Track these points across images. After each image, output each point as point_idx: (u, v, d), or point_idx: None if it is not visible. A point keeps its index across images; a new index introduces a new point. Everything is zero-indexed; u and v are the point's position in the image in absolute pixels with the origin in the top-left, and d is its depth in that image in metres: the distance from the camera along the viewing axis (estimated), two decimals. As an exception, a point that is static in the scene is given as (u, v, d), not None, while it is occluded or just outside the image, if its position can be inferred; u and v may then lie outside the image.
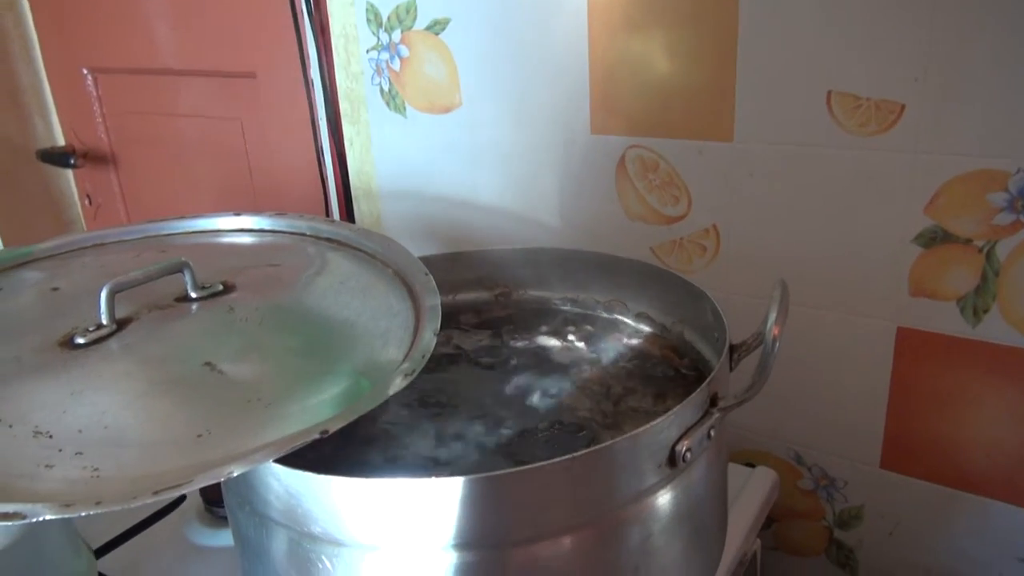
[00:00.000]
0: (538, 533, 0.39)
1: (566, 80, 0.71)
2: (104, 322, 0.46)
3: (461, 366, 0.58)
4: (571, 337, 0.61)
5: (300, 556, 0.41)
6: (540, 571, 0.39)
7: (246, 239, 0.61)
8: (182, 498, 0.69)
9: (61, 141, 1.29)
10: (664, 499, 0.42)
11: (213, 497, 0.67)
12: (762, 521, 0.65)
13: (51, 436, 0.38)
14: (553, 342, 0.60)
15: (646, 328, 0.61)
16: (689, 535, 0.44)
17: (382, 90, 0.83)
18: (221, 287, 0.51)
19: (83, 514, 0.34)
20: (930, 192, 0.58)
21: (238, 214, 0.62)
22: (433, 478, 0.37)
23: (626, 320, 0.63)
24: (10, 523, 0.33)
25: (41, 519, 0.33)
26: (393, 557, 0.39)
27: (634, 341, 0.59)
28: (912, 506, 0.66)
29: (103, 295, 0.45)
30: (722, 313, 0.50)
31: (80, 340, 0.45)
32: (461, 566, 0.38)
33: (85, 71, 1.19)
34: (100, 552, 0.62)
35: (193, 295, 0.50)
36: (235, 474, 0.35)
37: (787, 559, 0.75)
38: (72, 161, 1.24)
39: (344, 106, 0.88)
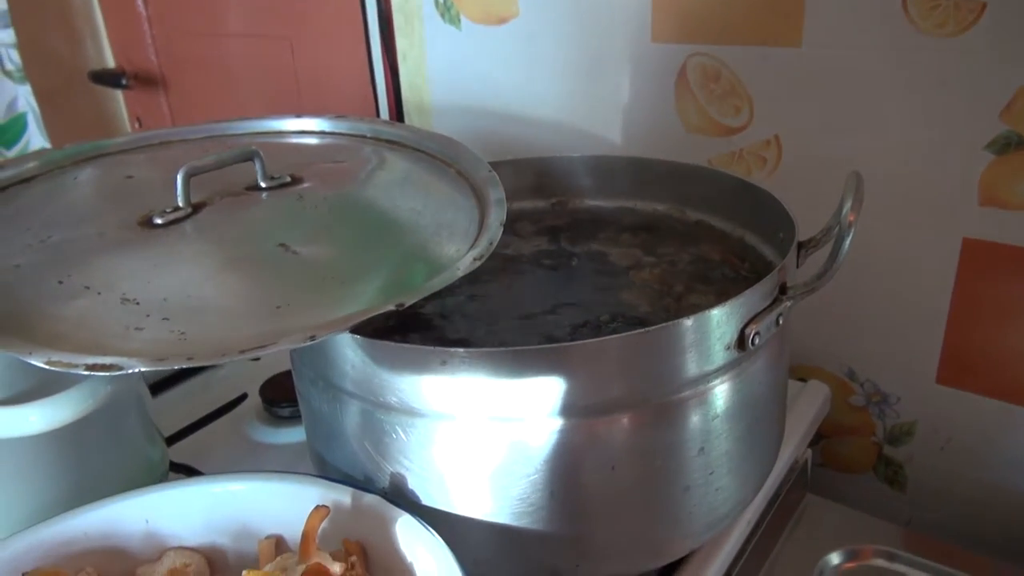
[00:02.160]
0: (608, 406, 0.39)
1: (627, -15, 0.70)
2: (180, 204, 0.47)
3: (520, 266, 0.59)
4: (630, 243, 0.61)
5: (374, 427, 0.42)
6: (610, 443, 0.40)
7: (309, 140, 0.61)
8: (243, 396, 0.72)
9: (111, 63, 1.30)
10: (730, 383, 0.42)
11: (272, 396, 0.69)
12: (813, 433, 0.66)
13: (138, 303, 0.39)
14: (612, 247, 0.60)
15: (706, 234, 0.61)
16: (751, 423, 0.45)
17: (436, 1, 0.82)
18: (289, 179, 0.52)
19: (175, 367, 0.35)
20: (1007, 96, 0.56)
21: (299, 116, 0.63)
22: (512, 347, 0.37)
23: (685, 227, 0.62)
24: (107, 374, 0.34)
25: (136, 371, 0.34)
26: (466, 427, 0.40)
27: (694, 246, 0.59)
28: (967, 421, 0.66)
29: (179, 177, 0.46)
30: (788, 209, 0.50)
31: (158, 220, 0.46)
32: (534, 435, 0.39)
33: (135, -10, 1.19)
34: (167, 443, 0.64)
35: (263, 184, 0.51)
36: (317, 339, 0.36)
37: (834, 475, 0.76)
38: (123, 81, 1.25)
39: (398, 19, 0.87)
